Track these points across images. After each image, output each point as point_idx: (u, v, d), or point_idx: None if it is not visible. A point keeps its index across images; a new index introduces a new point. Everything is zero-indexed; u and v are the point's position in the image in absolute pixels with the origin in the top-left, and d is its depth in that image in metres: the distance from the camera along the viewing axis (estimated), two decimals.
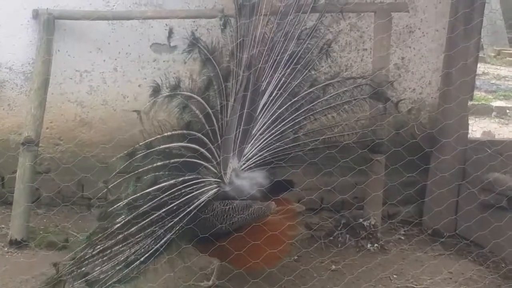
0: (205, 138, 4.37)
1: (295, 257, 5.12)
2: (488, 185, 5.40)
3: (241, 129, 4.52)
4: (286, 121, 4.70)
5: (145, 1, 5.80)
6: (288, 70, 4.77)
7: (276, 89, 4.71)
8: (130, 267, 4.07)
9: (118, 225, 4.08)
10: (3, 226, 5.40)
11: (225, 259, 4.42)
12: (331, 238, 5.48)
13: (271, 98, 4.69)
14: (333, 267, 5.05)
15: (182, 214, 4.16)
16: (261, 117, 4.63)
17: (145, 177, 4.19)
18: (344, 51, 6.09)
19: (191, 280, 4.57)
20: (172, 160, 4.23)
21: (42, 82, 5.41)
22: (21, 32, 5.70)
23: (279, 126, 4.67)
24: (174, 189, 4.17)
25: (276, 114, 4.67)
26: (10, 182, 5.59)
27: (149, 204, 4.11)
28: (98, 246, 4.06)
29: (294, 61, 4.80)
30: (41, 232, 5.24)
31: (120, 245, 4.09)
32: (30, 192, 5.24)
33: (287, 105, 4.72)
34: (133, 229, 4.10)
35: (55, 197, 5.66)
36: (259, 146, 4.59)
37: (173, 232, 4.15)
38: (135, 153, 4.20)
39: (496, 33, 16.46)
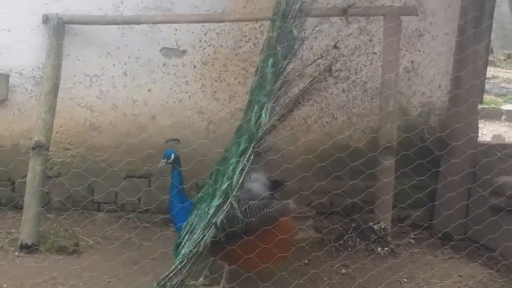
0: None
1: (305, 261, 5.11)
2: (498, 188, 5.39)
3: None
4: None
5: (155, 5, 5.81)
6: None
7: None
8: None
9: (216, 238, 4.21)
10: (13, 230, 5.40)
11: (234, 263, 4.42)
12: (341, 241, 5.48)
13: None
14: (344, 270, 5.04)
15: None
16: None
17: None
18: (354, 54, 6.10)
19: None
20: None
21: (52, 86, 5.41)
22: (31, 37, 5.72)
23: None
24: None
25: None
26: (21, 187, 5.60)
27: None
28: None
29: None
30: (51, 237, 5.22)
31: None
32: (40, 197, 5.23)
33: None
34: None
35: (66, 202, 5.67)
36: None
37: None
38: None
39: (506, 36, 16.42)
